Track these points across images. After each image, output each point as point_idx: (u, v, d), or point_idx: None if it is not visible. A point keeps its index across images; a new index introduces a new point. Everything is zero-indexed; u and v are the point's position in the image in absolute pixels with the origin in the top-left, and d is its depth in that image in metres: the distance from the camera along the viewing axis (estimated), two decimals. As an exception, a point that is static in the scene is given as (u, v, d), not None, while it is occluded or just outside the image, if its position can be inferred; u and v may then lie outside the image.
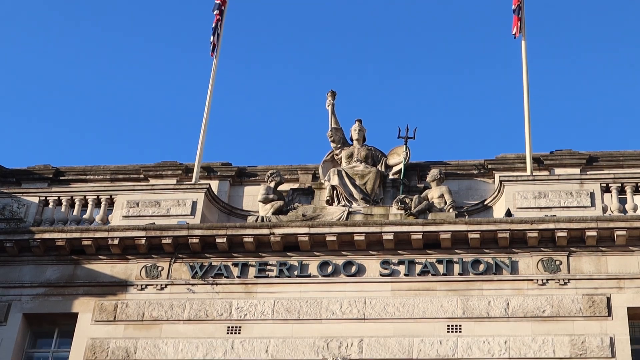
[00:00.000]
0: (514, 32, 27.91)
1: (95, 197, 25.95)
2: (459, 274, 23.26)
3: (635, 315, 22.35)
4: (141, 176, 27.66)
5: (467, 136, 52.58)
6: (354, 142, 26.73)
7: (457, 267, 23.35)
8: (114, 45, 54.34)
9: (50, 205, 25.96)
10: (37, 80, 54.94)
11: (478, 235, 23.30)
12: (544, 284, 22.85)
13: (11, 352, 23.51)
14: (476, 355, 22.04)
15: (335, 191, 25.23)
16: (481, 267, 23.27)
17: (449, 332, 22.49)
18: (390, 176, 25.92)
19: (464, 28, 53.01)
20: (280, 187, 25.98)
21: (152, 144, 54.14)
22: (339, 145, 26.72)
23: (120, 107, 54.84)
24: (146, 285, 24.12)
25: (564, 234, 23.01)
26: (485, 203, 25.11)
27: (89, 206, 25.89)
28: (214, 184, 26.66)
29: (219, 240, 24.02)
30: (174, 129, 53.86)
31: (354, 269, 23.68)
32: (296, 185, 26.49)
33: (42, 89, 55.09)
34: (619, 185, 24.22)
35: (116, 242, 24.30)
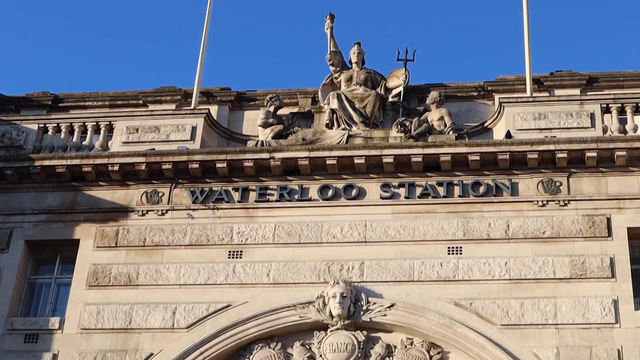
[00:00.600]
0: (514, -49, 27.60)
1: (95, 123, 25.82)
2: (459, 196, 23.27)
3: (635, 235, 22.37)
4: (140, 102, 27.58)
5: (466, 58, 52.42)
6: (353, 65, 26.52)
7: (457, 189, 23.36)
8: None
9: (50, 132, 25.86)
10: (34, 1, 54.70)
11: (478, 157, 23.26)
12: (544, 205, 22.87)
13: (14, 279, 23.62)
14: (477, 276, 22.13)
15: (334, 115, 25.12)
16: (481, 189, 23.28)
17: (449, 254, 22.57)
18: (390, 99, 25.76)
19: (463, -52, 52.47)
20: (280, 111, 25.82)
21: (150, 69, 53.97)
22: (338, 69, 26.52)
23: (119, 32, 54.63)
24: (147, 211, 24.15)
25: (564, 155, 22.96)
26: (485, 125, 25.01)
27: (88, 133, 25.78)
28: (213, 109, 26.54)
29: (219, 165, 24.01)
30: (172, 53, 53.64)
31: (354, 192, 23.69)
32: (295, 109, 26.33)
33: (39, 11, 54.85)
34: (619, 105, 24.08)
35: (116, 168, 24.28)
